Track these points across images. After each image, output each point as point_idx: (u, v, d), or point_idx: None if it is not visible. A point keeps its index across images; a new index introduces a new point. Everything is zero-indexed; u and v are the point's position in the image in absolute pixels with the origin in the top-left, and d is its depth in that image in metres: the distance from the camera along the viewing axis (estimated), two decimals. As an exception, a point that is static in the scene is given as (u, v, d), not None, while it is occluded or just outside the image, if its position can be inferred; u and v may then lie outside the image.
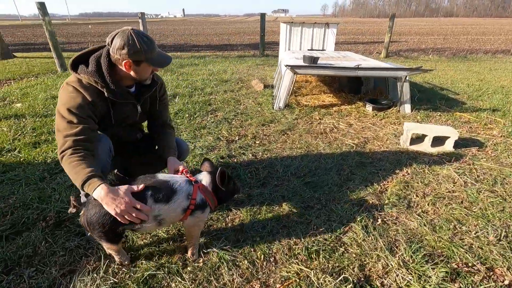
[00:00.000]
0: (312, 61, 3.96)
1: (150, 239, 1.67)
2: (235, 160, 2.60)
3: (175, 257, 1.54)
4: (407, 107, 3.93)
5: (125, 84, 1.53)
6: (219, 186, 1.41)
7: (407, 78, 3.80)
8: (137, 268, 1.47)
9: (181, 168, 1.54)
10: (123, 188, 1.26)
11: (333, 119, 3.72)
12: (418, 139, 3.01)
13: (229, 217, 1.87)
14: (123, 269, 1.46)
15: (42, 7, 6.72)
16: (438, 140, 2.83)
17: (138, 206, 1.24)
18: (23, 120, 3.45)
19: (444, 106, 4.24)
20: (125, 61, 1.37)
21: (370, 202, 2.03)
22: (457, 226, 1.80)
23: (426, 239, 1.70)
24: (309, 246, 1.63)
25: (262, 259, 1.55)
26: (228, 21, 60.91)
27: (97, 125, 1.49)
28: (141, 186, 1.28)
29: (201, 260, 1.53)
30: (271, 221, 1.83)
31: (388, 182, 2.28)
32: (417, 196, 2.11)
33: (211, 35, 20.01)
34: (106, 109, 1.52)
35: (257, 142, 3.01)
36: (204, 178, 1.46)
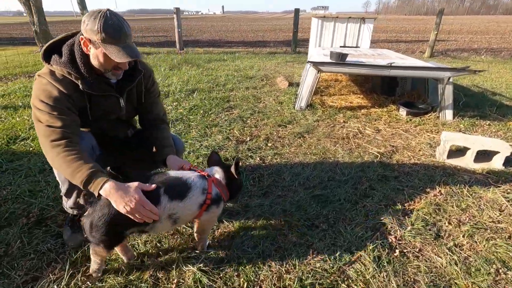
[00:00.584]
0: (339, 58, 3.59)
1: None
2: (240, 163, 2.37)
3: (146, 274, 1.35)
4: (448, 113, 3.41)
5: (99, 73, 1.34)
6: (231, 179, 1.37)
7: (450, 80, 3.29)
8: (103, 284, 1.31)
9: (186, 166, 1.42)
10: (133, 185, 1.17)
11: (359, 123, 3.34)
12: (458, 151, 2.55)
13: (219, 230, 1.65)
14: (88, 282, 1.31)
15: (81, 2, 7.01)
16: (484, 155, 2.37)
17: (147, 207, 1.14)
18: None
19: (495, 114, 3.63)
20: (81, 36, 1.23)
21: (389, 226, 1.69)
22: (500, 270, 1.41)
23: (456, 283, 1.34)
24: (303, 277, 1.35)
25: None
26: (266, 18, 60.68)
27: (78, 118, 1.34)
28: (153, 186, 1.19)
29: (174, 281, 1.33)
30: (265, 240, 1.57)
31: (415, 202, 1.91)
32: (450, 223, 1.72)
33: (247, 31, 19.92)
34: (83, 103, 1.35)
35: (269, 144, 2.76)
36: (217, 171, 1.39)
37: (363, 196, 1.96)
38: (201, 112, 3.54)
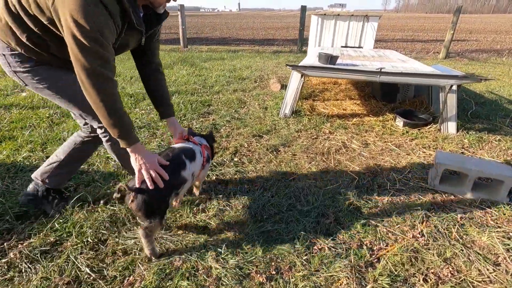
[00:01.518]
0: (328, 61, 3.21)
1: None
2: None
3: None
4: (451, 126, 2.97)
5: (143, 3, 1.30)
6: (211, 145, 1.84)
7: (453, 88, 2.85)
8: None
9: (184, 133, 1.71)
10: (154, 155, 1.36)
11: (347, 134, 2.95)
12: (455, 174, 2.14)
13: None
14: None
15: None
16: (486, 183, 1.95)
17: (159, 172, 1.31)
18: (10, 111, 3.33)
19: (507, 127, 3.15)
20: None
21: (344, 282, 1.33)
22: None
23: None
24: None
25: None
26: (281, 15, 59.93)
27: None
28: (167, 162, 1.38)
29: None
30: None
31: (387, 246, 1.54)
32: (425, 281, 1.34)
33: (259, 29, 19.52)
34: (116, 32, 1.22)
35: (235, 159, 2.43)
36: (202, 140, 1.78)
37: (324, 235, 1.60)
38: (174, 117, 3.24)
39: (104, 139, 1.55)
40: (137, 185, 1.27)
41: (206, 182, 2.06)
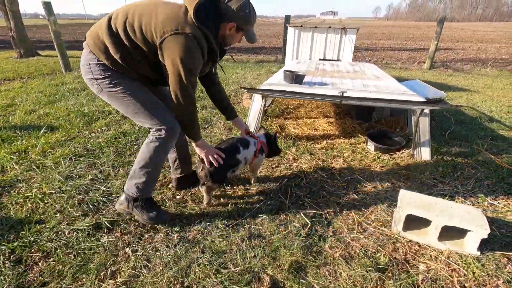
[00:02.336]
0: (293, 80, 2.95)
1: None
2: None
3: None
4: (424, 152, 2.72)
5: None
6: (270, 143, 2.22)
7: (425, 111, 2.61)
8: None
9: (248, 129, 2.17)
10: (211, 146, 1.81)
11: (312, 161, 2.68)
12: (421, 219, 1.88)
13: None
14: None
15: (47, 6, 6.52)
16: (455, 231, 1.68)
17: (216, 156, 1.78)
18: None
19: (485, 152, 2.92)
20: (232, 22, 1.50)
21: None
22: None
23: None
24: None
25: None
26: (274, 23, 60.31)
27: None
28: (223, 154, 1.82)
29: None
30: None
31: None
32: None
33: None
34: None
35: (178, 196, 2.12)
36: (262, 137, 2.20)
37: (254, 309, 1.30)
38: (123, 142, 2.94)
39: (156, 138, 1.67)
40: (206, 164, 1.78)
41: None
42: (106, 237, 1.68)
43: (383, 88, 2.90)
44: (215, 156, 1.77)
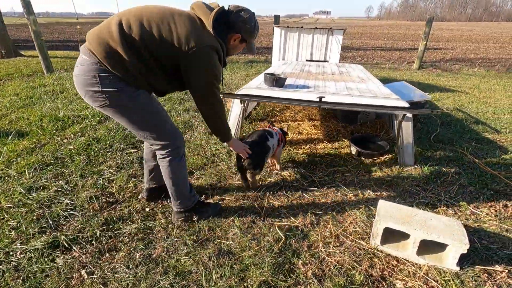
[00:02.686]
0: (274, 83, 2.85)
1: None
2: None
3: None
4: (407, 157, 2.65)
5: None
6: (284, 136, 2.58)
7: (408, 115, 2.54)
8: None
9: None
10: (240, 142, 2.00)
11: (293, 169, 2.58)
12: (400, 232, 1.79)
13: None
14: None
15: (27, 5, 6.30)
16: (434, 245, 1.60)
17: (246, 150, 1.98)
18: None
19: (470, 156, 2.86)
20: (237, 34, 1.54)
21: None
22: None
23: None
24: None
25: None
26: (266, 22, 60.19)
27: None
28: (248, 150, 2.01)
29: None
30: None
31: None
32: None
33: None
34: None
35: (147, 208, 2.00)
36: (279, 130, 2.53)
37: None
38: (96, 149, 2.80)
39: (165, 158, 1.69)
40: (244, 157, 2.01)
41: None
42: (62, 257, 1.55)
43: (366, 92, 2.81)
44: (245, 149, 1.97)
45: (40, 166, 2.44)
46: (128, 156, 2.71)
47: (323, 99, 2.31)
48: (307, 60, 5.27)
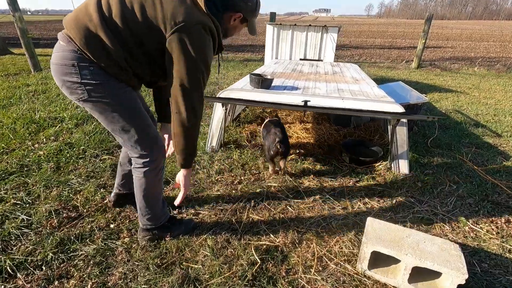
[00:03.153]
0: (260, 84, 2.65)
1: None
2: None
3: None
4: (402, 165, 2.46)
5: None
6: None
7: (402, 120, 2.34)
8: None
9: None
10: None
11: (279, 177, 2.39)
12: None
13: None
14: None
15: (12, 2, 6.08)
16: (428, 272, 1.41)
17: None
18: None
19: (469, 163, 2.67)
20: (239, 12, 1.34)
21: None
22: None
23: None
24: None
25: None
26: (265, 19, 59.82)
27: None
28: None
29: None
30: None
31: None
32: None
33: (242, 34, 18.91)
34: None
35: (112, 225, 1.81)
36: None
37: None
38: (68, 155, 2.60)
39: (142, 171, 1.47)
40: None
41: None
42: (2, 287, 1.36)
43: (358, 94, 2.61)
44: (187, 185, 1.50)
45: (2, 175, 2.24)
46: (101, 163, 2.51)
47: (309, 103, 2.11)
48: (300, 59, 5.06)
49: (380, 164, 2.60)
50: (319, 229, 1.82)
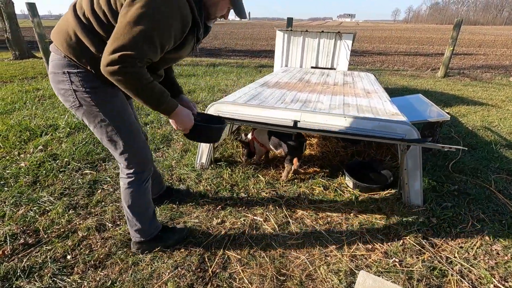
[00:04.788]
0: (195, 132, 2.39)
1: None
2: None
3: None
4: (414, 195, 2.10)
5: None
6: None
7: (416, 146, 1.99)
8: None
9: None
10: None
11: (269, 203, 2.11)
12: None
13: None
14: None
15: (31, 8, 6.25)
16: None
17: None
18: None
19: (498, 194, 2.25)
20: None
21: None
22: None
23: None
24: None
25: None
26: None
27: None
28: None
29: None
30: None
31: None
32: None
33: (260, 39, 18.86)
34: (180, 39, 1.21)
35: (74, 253, 1.61)
36: None
37: None
38: (49, 168, 2.46)
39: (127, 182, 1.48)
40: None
41: None
42: None
43: (366, 109, 2.29)
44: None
45: (-20, 189, 2.13)
46: (80, 179, 2.34)
47: (302, 123, 1.83)
48: (312, 67, 4.76)
49: (388, 192, 2.25)
50: (303, 276, 1.52)
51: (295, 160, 2.31)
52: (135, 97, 1.18)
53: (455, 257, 1.67)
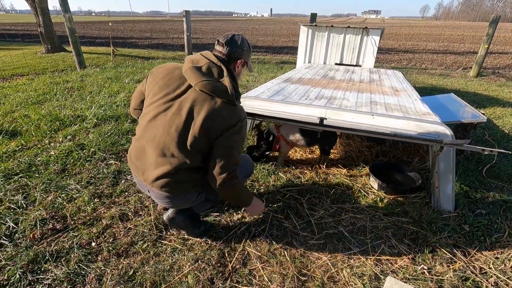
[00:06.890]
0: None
1: None
2: None
3: None
4: (445, 201, 1.98)
5: None
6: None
7: (449, 148, 1.87)
8: None
9: None
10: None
11: (290, 199, 2.06)
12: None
13: None
14: None
15: (63, 3, 6.49)
16: None
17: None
18: None
19: (540, 205, 2.09)
20: (240, 59, 1.46)
21: None
22: None
23: None
24: None
25: None
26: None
27: None
28: None
29: None
30: None
31: None
32: None
33: (282, 35, 18.69)
34: None
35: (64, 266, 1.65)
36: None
37: None
38: (76, 157, 2.53)
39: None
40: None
41: None
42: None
43: (395, 108, 2.18)
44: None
45: (8, 175, 2.23)
46: (106, 168, 2.40)
47: (328, 121, 1.76)
48: (336, 64, 4.63)
49: (416, 196, 2.15)
50: (325, 278, 1.47)
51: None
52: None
53: (490, 268, 1.56)
